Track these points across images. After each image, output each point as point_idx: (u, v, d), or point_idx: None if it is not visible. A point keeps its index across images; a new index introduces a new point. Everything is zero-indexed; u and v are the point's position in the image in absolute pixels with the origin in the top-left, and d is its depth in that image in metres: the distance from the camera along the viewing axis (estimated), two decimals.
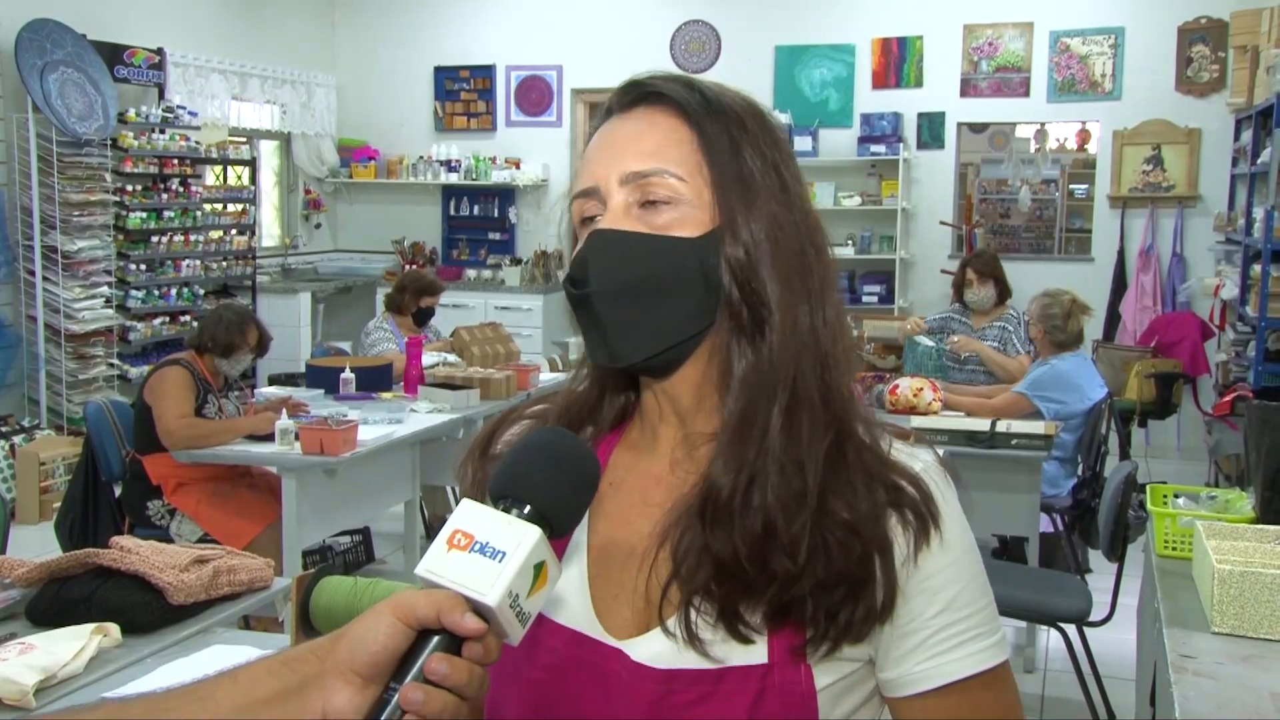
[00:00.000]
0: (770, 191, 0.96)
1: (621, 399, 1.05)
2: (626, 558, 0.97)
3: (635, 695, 0.92)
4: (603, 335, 0.96)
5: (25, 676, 1.85)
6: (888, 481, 0.94)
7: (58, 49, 6.47)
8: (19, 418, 6.39)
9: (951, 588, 0.94)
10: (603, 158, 0.97)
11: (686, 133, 0.96)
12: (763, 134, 0.97)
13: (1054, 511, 4.57)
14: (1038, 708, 3.90)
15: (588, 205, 0.98)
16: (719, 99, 0.98)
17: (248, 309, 4.75)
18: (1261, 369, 5.78)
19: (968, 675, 0.94)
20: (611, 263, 0.94)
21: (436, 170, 9.04)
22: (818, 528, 0.90)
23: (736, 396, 0.94)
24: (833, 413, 0.94)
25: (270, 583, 2.39)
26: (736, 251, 0.94)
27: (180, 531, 4.17)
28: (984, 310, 5.33)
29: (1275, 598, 2.18)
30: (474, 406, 4.84)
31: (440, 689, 0.75)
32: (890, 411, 4.58)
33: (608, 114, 1.01)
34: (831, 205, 8.10)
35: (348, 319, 8.96)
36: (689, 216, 0.94)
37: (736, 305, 0.94)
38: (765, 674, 0.90)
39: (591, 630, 0.96)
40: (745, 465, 0.92)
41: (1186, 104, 7.62)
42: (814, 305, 0.95)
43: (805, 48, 8.30)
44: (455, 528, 0.79)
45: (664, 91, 0.97)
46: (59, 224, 6.40)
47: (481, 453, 1.07)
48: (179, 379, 4.17)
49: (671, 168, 0.94)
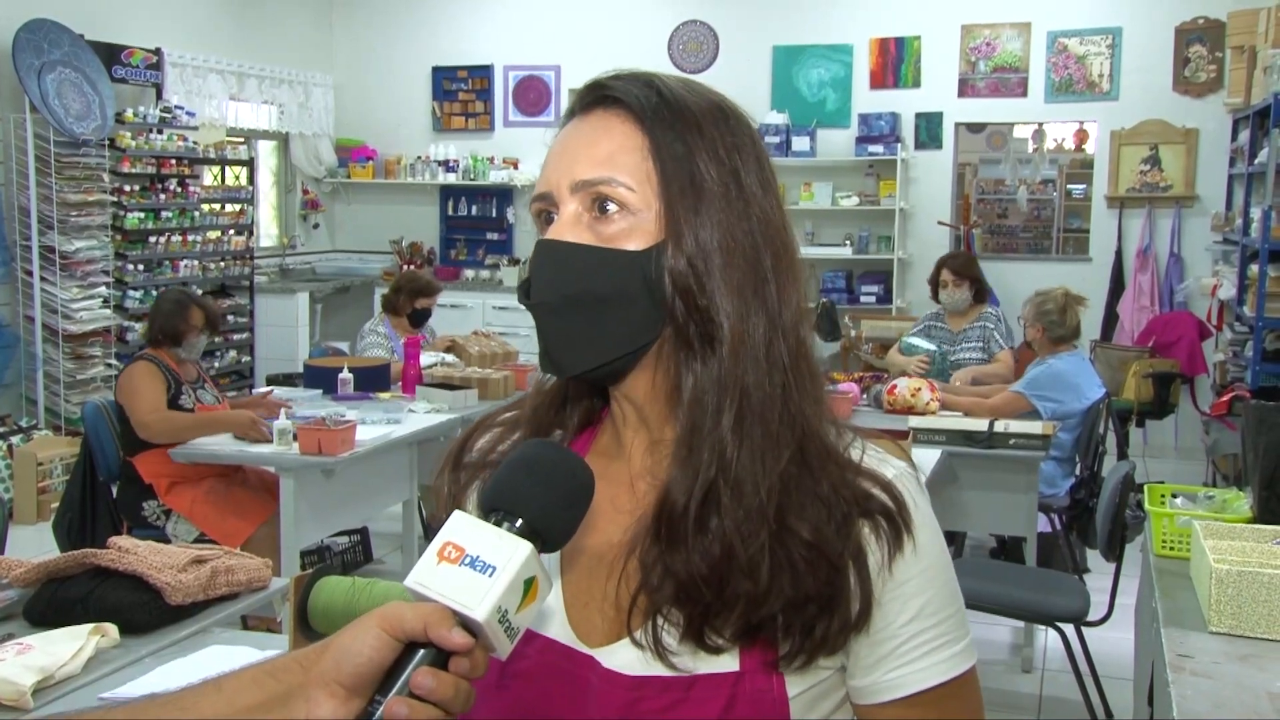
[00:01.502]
0: (724, 199, 0.93)
1: (586, 402, 1.04)
2: (597, 566, 0.96)
3: (606, 702, 0.92)
4: (547, 346, 0.95)
5: (23, 677, 1.85)
6: (857, 491, 0.92)
7: (55, 49, 6.46)
8: (17, 418, 6.38)
9: (923, 594, 0.93)
10: (557, 164, 0.95)
11: (639, 139, 0.93)
12: (723, 137, 0.94)
13: (1052, 511, 4.57)
14: (1035, 707, 3.91)
15: (545, 206, 0.97)
16: (678, 101, 0.94)
17: (186, 291, 4.67)
18: (1259, 369, 5.79)
19: (938, 683, 0.93)
20: (554, 275, 0.93)
21: (434, 170, 9.04)
22: (780, 547, 0.88)
23: (687, 410, 0.92)
24: (793, 430, 0.92)
25: (268, 583, 2.39)
26: (679, 263, 0.91)
27: (176, 532, 4.17)
28: (960, 311, 5.38)
29: (1272, 597, 2.18)
30: (472, 406, 4.84)
31: (425, 703, 0.74)
32: (888, 411, 4.58)
33: (570, 114, 0.99)
34: (829, 205, 8.10)
35: (346, 319, 8.96)
36: (637, 227, 0.92)
37: (682, 318, 0.92)
38: (736, 681, 0.90)
39: (564, 638, 0.96)
40: (698, 481, 0.90)
41: (1184, 104, 7.63)
42: (771, 317, 0.93)
43: (803, 48, 8.30)
44: (446, 540, 0.78)
45: (620, 95, 0.95)
46: (56, 224, 6.40)
47: (455, 463, 1.06)
48: (145, 371, 4.19)
49: (621, 176, 0.92)
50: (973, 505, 4.24)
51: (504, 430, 1.07)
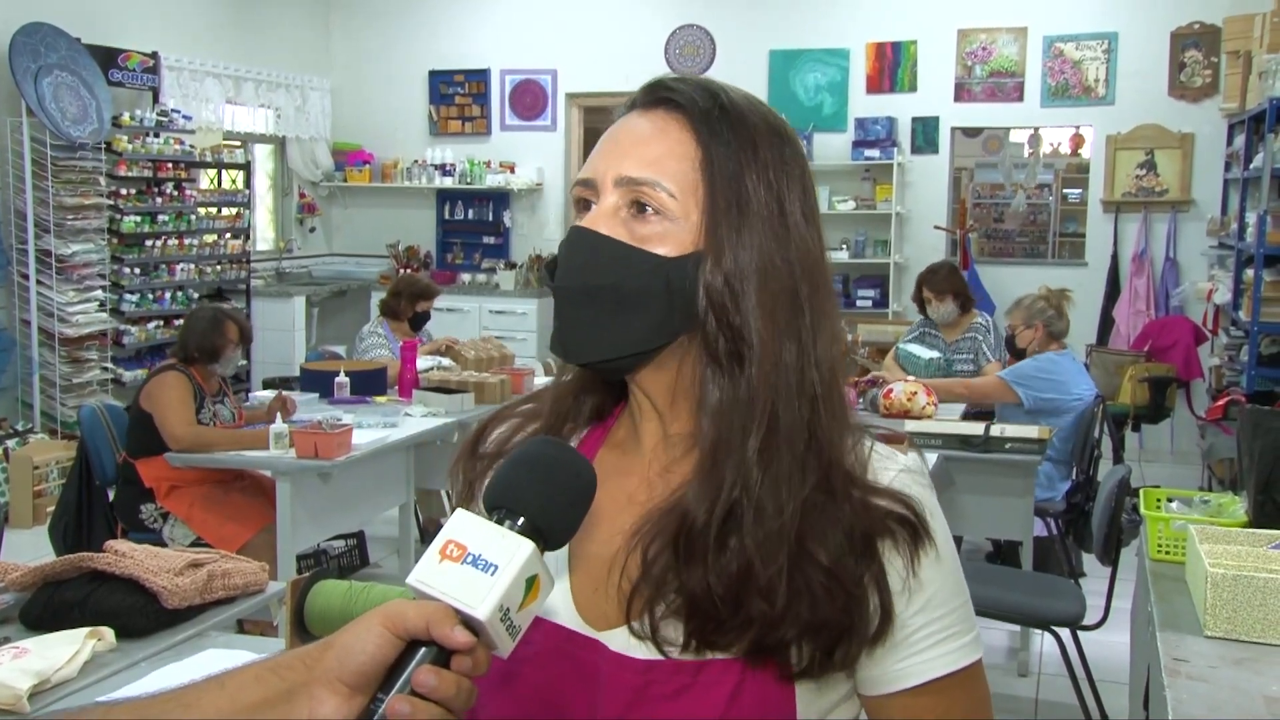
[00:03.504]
0: (767, 224, 0.94)
1: (604, 394, 1.05)
2: (606, 554, 0.97)
3: (615, 685, 0.93)
4: (560, 330, 0.96)
5: (19, 681, 1.84)
6: (876, 510, 0.93)
7: (52, 52, 6.46)
8: (13, 421, 6.37)
9: (930, 586, 0.94)
10: (607, 152, 0.97)
11: (692, 149, 0.94)
12: (775, 163, 0.95)
13: (1048, 515, 4.58)
14: (1032, 711, 3.91)
15: (586, 193, 0.98)
16: (740, 119, 0.95)
17: (219, 307, 4.70)
18: (1254, 373, 5.80)
19: (945, 674, 0.94)
20: (580, 262, 0.94)
21: (431, 174, 9.04)
22: (798, 572, 0.89)
23: (711, 423, 0.93)
24: (820, 458, 0.92)
25: (265, 586, 2.38)
26: (716, 279, 0.92)
27: (173, 535, 4.16)
28: (950, 323, 5.41)
29: (1268, 601, 2.19)
30: (468, 410, 4.84)
31: (427, 701, 0.75)
32: (884, 415, 4.58)
33: (630, 106, 1.00)
34: (826, 210, 8.10)
35: (342, 323, 8.96)
36: (672, 234, 0.93)
37: (712, 333, 0.93)
38: (744, 668, 0.91)
39: (571, 623, 0.97)
40: (721, 497, 0.90)
41: (1179, 109, 7.65)
42: (804, 346, 0.93)
43: (799, 52, 8.32)
44: (448, 538, 0.79)
45: (682, 101, 0.96)
46: (53, 228, 6.39)
47: (472, 452, 1.08)
48: (177, 383, 4.19)
49: (665, 181, 0.93)
50: (969, 509, 4.24)
51: (522, 421, 1.08)
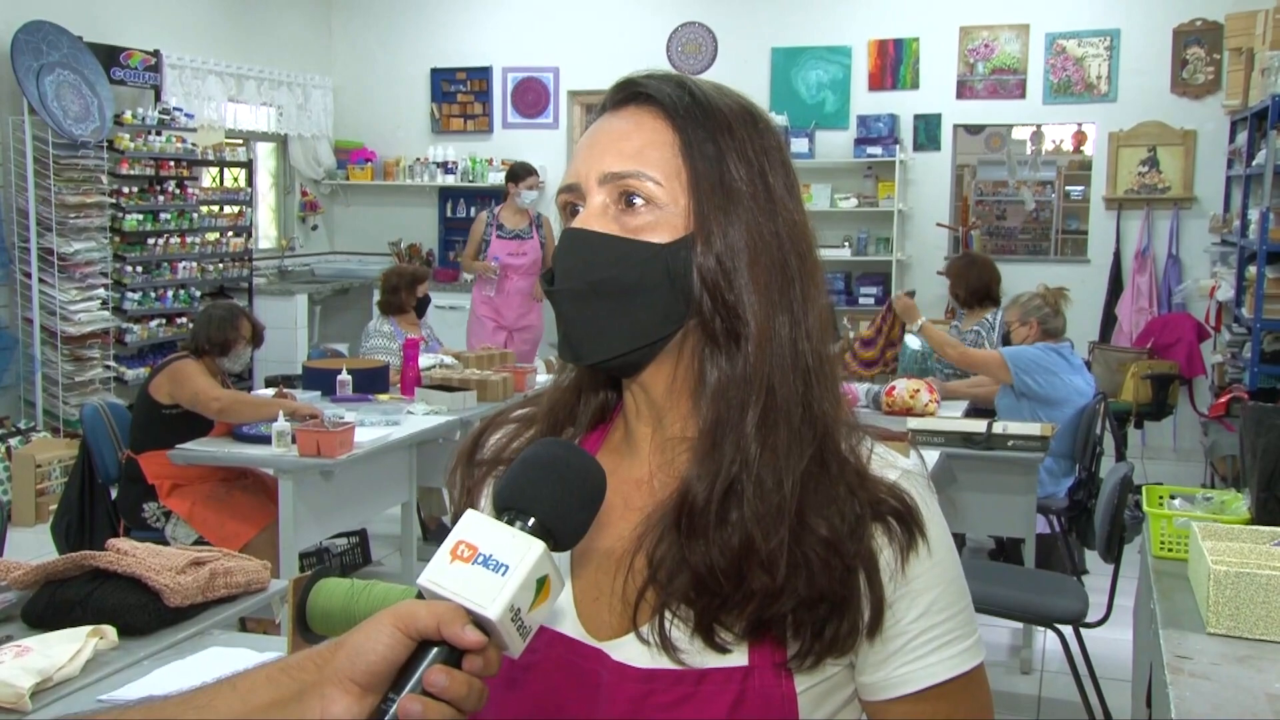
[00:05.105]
0: (753, 200, 0.95)
1: (600, 397, 1.05)
2: (607, 562, 0.97)
3: (616, 695, 0.93)
4: (568, 333, 0.96)
5: (21, 679, 1.85)
6: (870, 495, 0.93)
7: (54, 51, 6.46)
8: (15, 420, 6.38)
9: (932, 591, 0.94)
10: (586, 155, 0.98)
11: (670, 136, 0.95)
12: (752, 140, 0.96)
13: (1050, 513, 4.58)
14: (1034, 709, 3.91)
15: (572, 198, 0.99)
16: (709, 102, 0.97)
17: (234, 304, 4.78)
18: (1257, 370, 5.79)
19: (947, 679, 0.94)
20: (578, 262, 0.95)
21: (433, 172, 9.04)
22: (797, 544, 0.89)
23: (710, 404, 0.94)
24: (815, 429, 0.93)
25: (267, 585, 2.38)
26: (709, 260, 0.93)
27: (176, 534, 4.16)
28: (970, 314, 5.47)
29: (1271, 598, 2.18)
30: (471, 408, 4.84)
31: (439, 701, 0.75)
32: (886, 413, 4.58)
33: (601, 110, 1.01)
34: (828, 207, 8.10)
35: (344, 321, 8.96)
36: (663, 221, 0.94)
37: (709, 314, 0.93)
38: (745, 676, 0.91)
39: (574, 631, 0.97)
40: (721, 473, 0.91)
41: (1182, 106, 7.63)
42: (796, 318, 0.94)
43: (801, 49, 8.31)
44: (459, 539, 0.79)
45: (653, 93, 0.97)
46: (55, 226, 6.39)
47: (469, 458, 1.08)
48: (199, 366, 4.26)
49: (649, 171, 0.94)
50: (971, 506, 4.24)
51: (519, 427, 1.08)
